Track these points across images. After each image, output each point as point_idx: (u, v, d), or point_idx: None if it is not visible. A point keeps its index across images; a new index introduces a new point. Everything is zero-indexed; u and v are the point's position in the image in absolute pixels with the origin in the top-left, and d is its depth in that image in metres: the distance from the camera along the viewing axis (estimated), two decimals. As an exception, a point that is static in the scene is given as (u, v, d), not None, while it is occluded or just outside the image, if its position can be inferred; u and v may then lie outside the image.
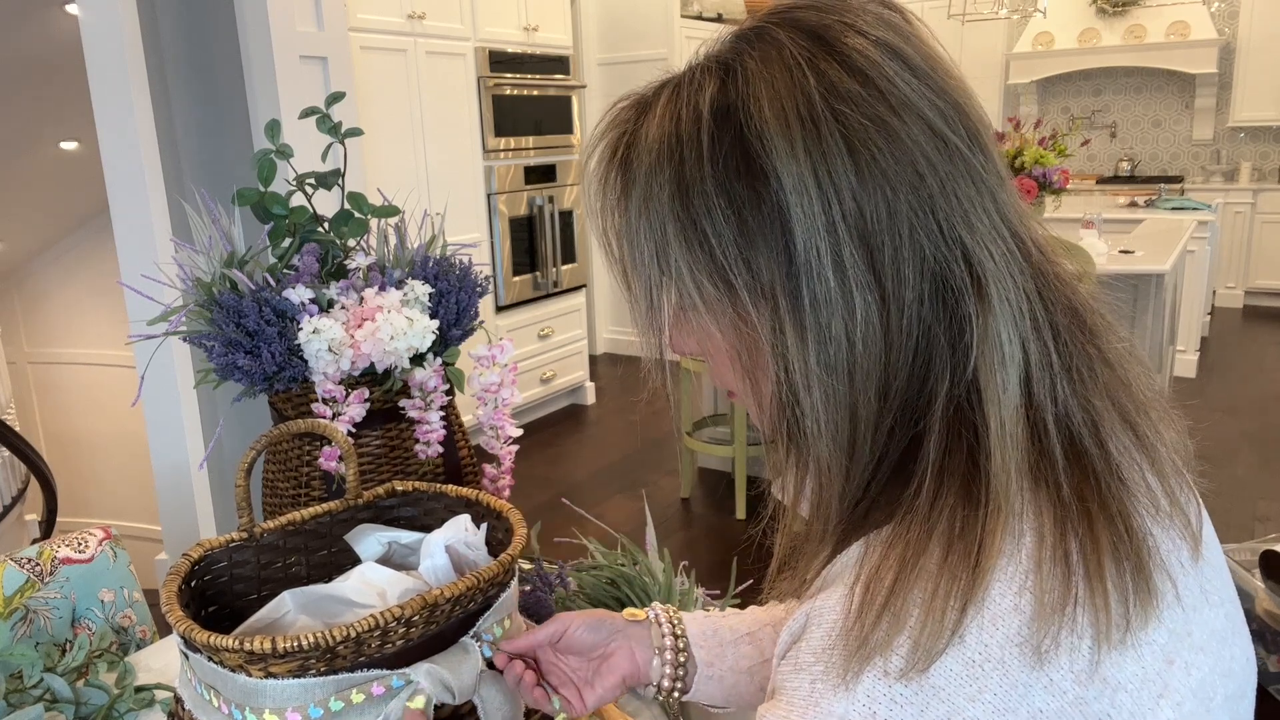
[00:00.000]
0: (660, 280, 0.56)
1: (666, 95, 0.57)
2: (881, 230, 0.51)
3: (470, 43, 4.13)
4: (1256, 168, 7.06)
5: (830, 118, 0.51)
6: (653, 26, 5.56)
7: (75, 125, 3.65)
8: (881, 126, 0.51)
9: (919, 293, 0.51)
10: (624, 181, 0.57)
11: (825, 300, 0.51)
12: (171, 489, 2.98)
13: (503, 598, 0.83)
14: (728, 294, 0.54)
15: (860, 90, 0.51)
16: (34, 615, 1.28)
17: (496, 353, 1.24)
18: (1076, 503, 0.49)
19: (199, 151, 2.97)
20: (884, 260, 0.51)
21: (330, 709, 0.73)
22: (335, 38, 2.83)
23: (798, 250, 0.51)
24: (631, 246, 0.57)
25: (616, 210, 0.58)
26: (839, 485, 0.54)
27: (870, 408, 0.52)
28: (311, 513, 0.96)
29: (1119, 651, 0.47)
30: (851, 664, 0.48)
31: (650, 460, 4.27)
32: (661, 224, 0.54)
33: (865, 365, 0.52)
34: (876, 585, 0.49)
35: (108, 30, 2.63)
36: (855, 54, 0.52)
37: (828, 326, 0.51)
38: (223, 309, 1.12)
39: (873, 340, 0.51)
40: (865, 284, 0.51)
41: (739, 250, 0.52)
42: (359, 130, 1.26)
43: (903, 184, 0.51)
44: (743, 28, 0.56)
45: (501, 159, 4.35)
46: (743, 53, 0.54)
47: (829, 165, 0.50)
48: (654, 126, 0.56)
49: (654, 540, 1.26)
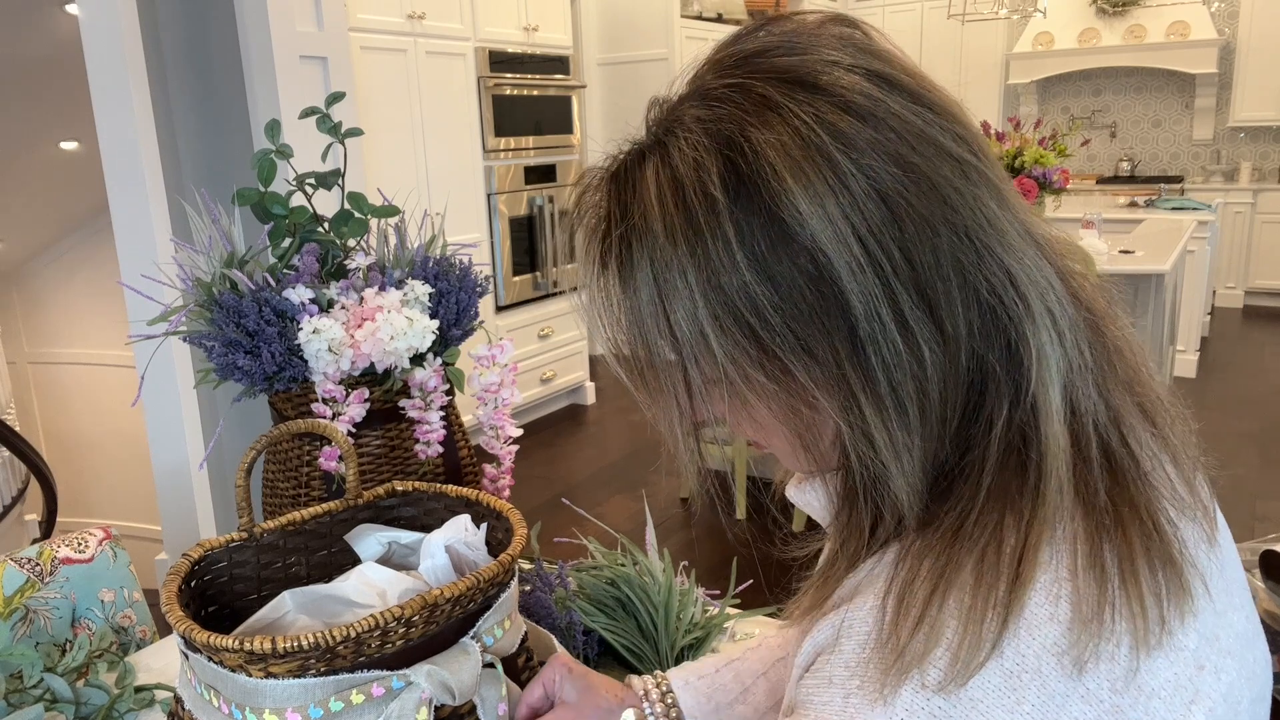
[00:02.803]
0: (701, 384, 0.53)
1: (655, 180, 0.51)
2: (933, 275, 0.49)
3: (470, 43, 4.13)
4: (1256, 168, 7.06)
5: (857, 173, 0.48)
6: (653, 26, 5.56)
7: (75, 125, 3.65)
8: (906, 167, 0.49)
9: (969, 324, 0.50)
10: (629, 282, 0.52)
11: (895, 364, 0.49)
12: (171, 489, 2.98)
13: (503, 598, 0.83)
14: (785, 382, 0.51)
15: (875, 135, 0.49)
16: (34, 615, 1.28)
17: (496, 353, 1.24)
18: (1109, 506, 0.49)
19: (199, 151, 2.97)
20: (940, 304, 0.49)
21: (330, 709, 0.73)
22: (335, 38, 2.83)
23: (859, 321, 0.48)
24: (652, 350, 0.53)
25: (624, 313, 0.54)
26: (899, 517, 0.52)
27: (933, 444, 0.51)
28: (311, 513, 0.96)
29: (1154, 657, 0.47)
30: (889, 677, 0.47)
31: (650, 460, 4.27)
32: (696, 327, 0.50)
33: (934, 411, 0.50)
34: (910, 597, 0.48)
35: (108, 30, 2.63)
36: (857, 96, 0.49)
37: (901, 386, 0.49)
38: (223, 309, 1.12)
39: (939, 384, 0.50)
40: (929, 335, 0.49)
41: (795, 337, 0.49)
42: (359, 130, 1.26)
43: (939, 220, 0.49)
44: (717, 84, 0.51)
45: (501, 159, 4.35)
46: (738, 121, 0.49)
47: (869, 224, 0.48)
48: (656, 220, 0.50)
49: (654, 540, 1.26)
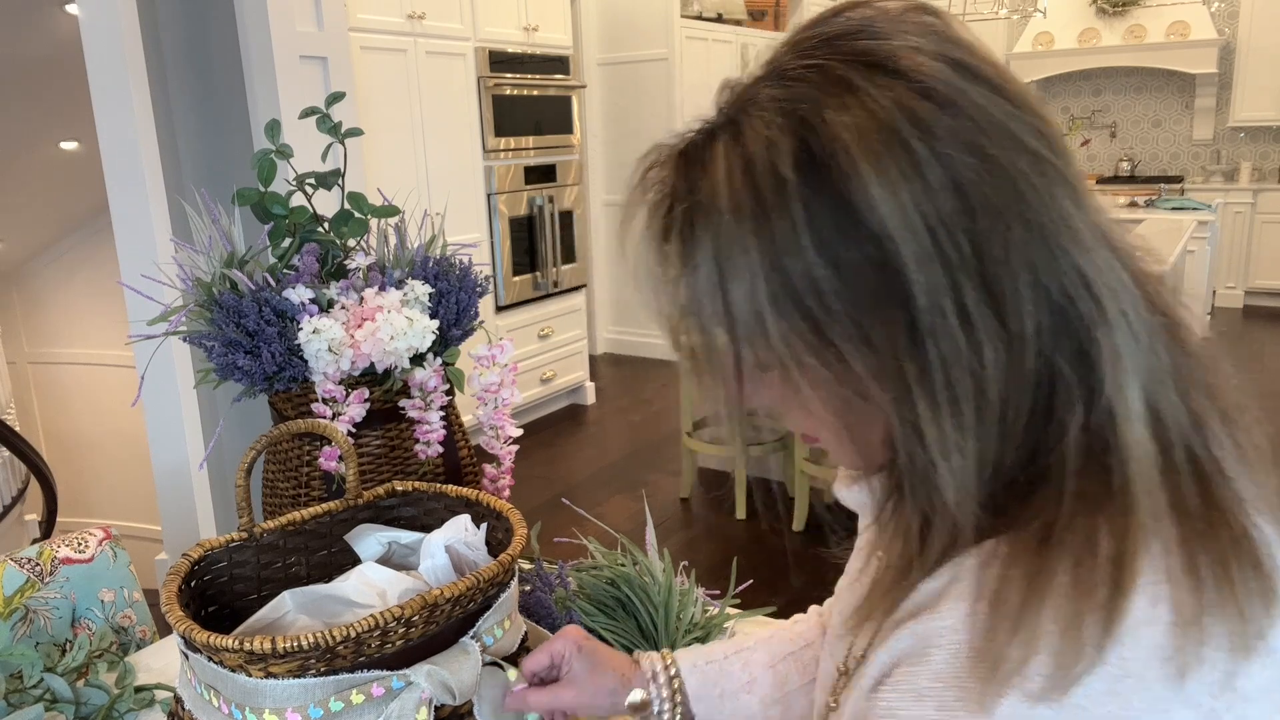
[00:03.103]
0: (753, 367, 0.52)
1: (724, 156, 0.50)
2: (1001, 271, 0.48)
3: (470, 43, 4.13)
4: (1256, 168, 7.06)
5: (932, 161, 0.47)
6: (653, 26, 5.56)
7: (75, 125, 3.65)
8: (983, 158, 0.47)
9: (1037, 325, 0.49)
10: (689, 258, 0.51)
11: (954, 359, 0.48)
12: (171, 489, 2.98)
13: (503, 598, 0.83)
14: (840, 370, 0.50)
15: (953, 123, 0.47)
16: (34, 615, 1.28)
17: (496, 353, 1.24)
18: (1200, 510, 0.48)
19: (199, 151, 2.97)
20: (1006, 301, 0.48)
21: (330, 709, 0.73)
22: (335, 38, 2.83)
23: (921, 312, 0.47)
24: (706, 329, 0.52)
25: (681, 289, 0.53)
26: (951, 520, 0.51)
27: (994, 448, 0.50)
28: (311, 513, 0.96)
29: (1250, 661, 0.47)
30: (989, 687, 0.46)
31: (650, 460, 4.27)
32: (754, 308, 0.49)
33: (993, 411, 0.49)
34: (1002, 605, 0.48)
35: (108, 30, 2.63)
36: (938, 83, 0.48)
37: (958, 383, 0.48)
38: (223, 309, 1.12)
39: (1000, 385, 0.49)
40: (992, 331, 0.48)
41: (854, 324, 0.48)
42: (359, 130, 1.26)
43: (1013, 215, 0.48)
44: (794, 65, 0.50)
45: (501, 159, 4.35)
46: (814, 101, 0.48)
47: (940, 214, 0.47)
48: (723, 197, 0.49)
49: (654, 540, 1.26)
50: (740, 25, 6.21)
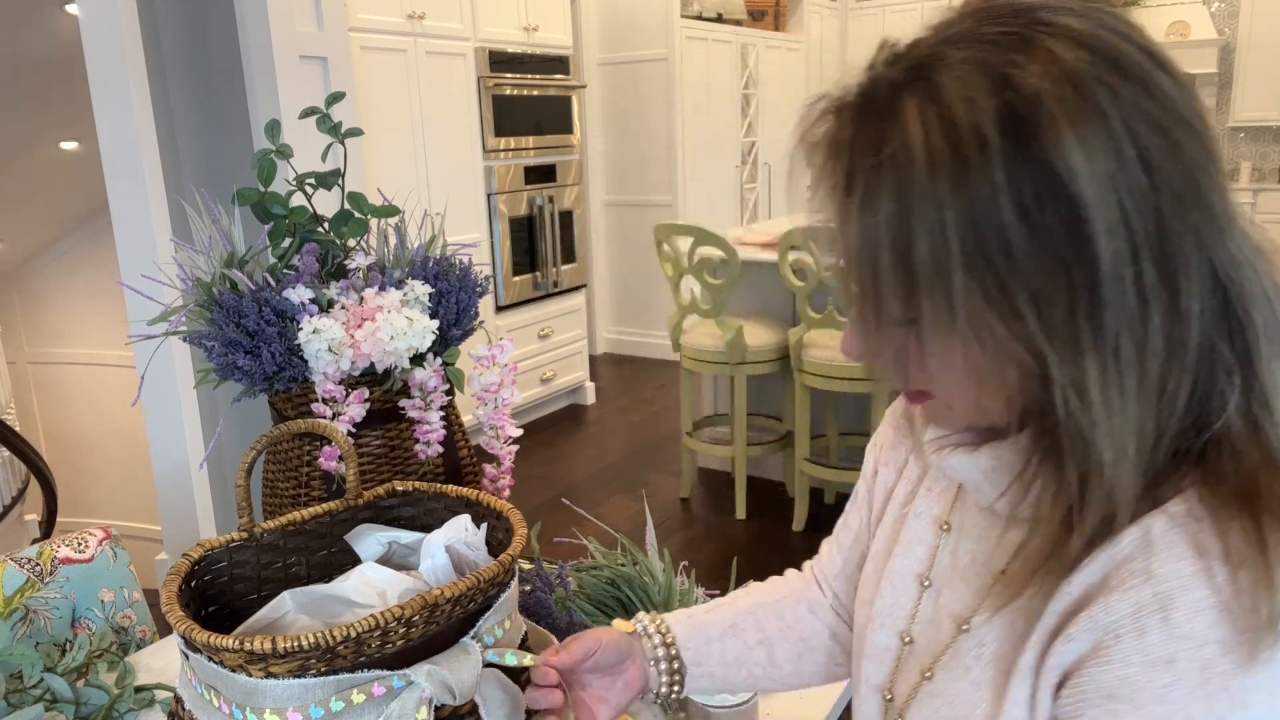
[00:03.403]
0: (928, 315, 0.53)
1: (918, 112, 0.51)
2: (1176, 248, 0.50)
3: (470, 43, 4.13)
4: (1256, 168, 7.06)
5: (1126, 137, 0.49)
6: (653, 26, 5.56)
7: (75, 125, 3.65)
8: (1167, 140, 0.50)
9: (1202, 304, 0.51)
10: (870, 207, 0.52)
11: (1125, 327, 0.50)
12: (171, 489, 2.98)
13: (503, 598, 0.83)
14: (1011, 326, 0.51)
15: (1147, 105, 0.50)
16: (34, 615, 1.28)
17: (496, 353, 1.24)
18: None
19: (199, 151, 2.97)
20: (1179, 277, 0.50)
21: (331, 709, 0.73)
22: (335, 38, 2.83)
23: (1103, 279, 0.49)
24: (879, 276, 0.53)
25: (855, 236, 0.54)
26: (1103, 495, 0.53)
27: (1153, 417, 0.52)
28: (311, 513, 0.96)
29: None
30: (1260, 638, 0.49)
31: (650, 460, 4.27)
32: (940, 260, 0.51)
33: (1154, 381, 0.52)
34: (1242, 560, 0.50)
35: (108, 30, 2.63)
36: (1134, 65, 0.50)
37: (1124, 349, 0.51)
38: (223, 309, 1.12)
39: (1162, 357, 0.51)
40: (1163, 305, 0.50)
41: (1038, 284, 0.50)
42: (359, 130, 1.26)
43: (1189, 198, 0.50)
44: (993, 30, 0.52)
45: (501, 159, 4.35)
46: (1019, 67, 0.50)
47: (1130, 188, 0.49)
48: (918, 151, 0.50)
49: (654, 540, 1.26)
50: (740, 25, 6.21)
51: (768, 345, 3.43)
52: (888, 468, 0.80)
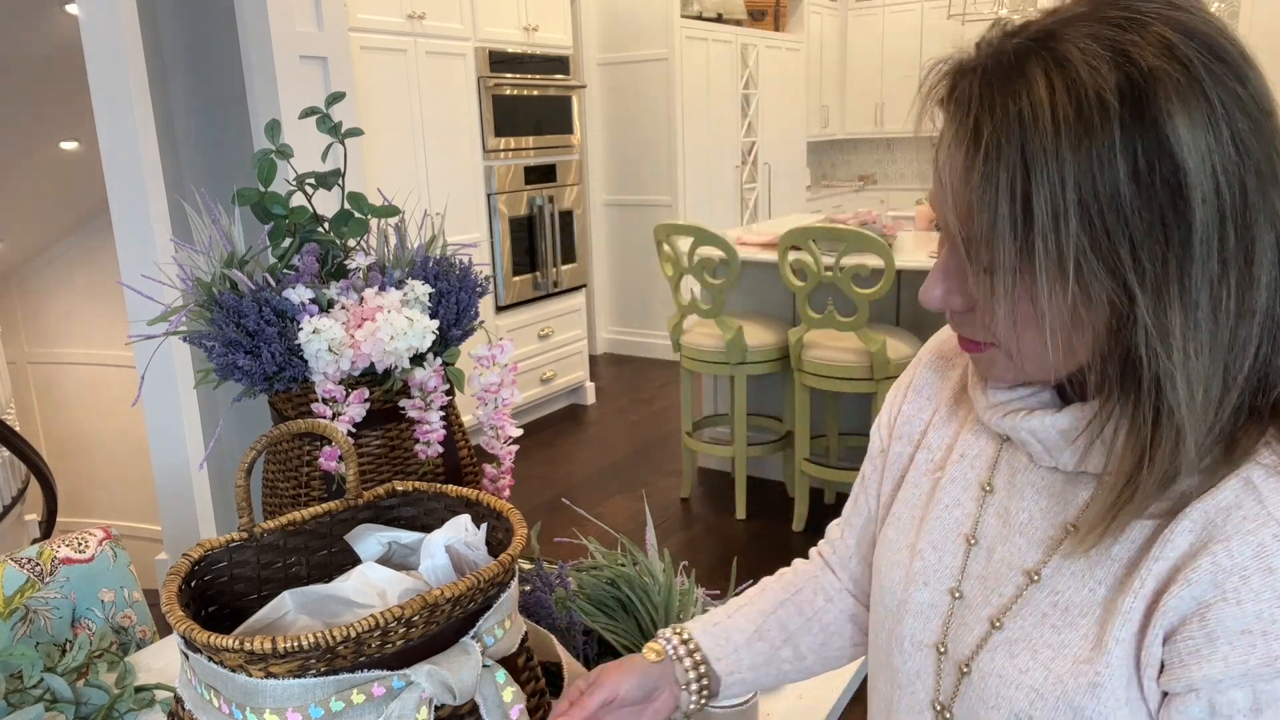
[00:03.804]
0: (1040, 258, 0.59)
1: (1045, 76, 0.58)
2: (1254, 220, 0.57)
3: (470, 43, 4.13)
4: (1256, 168, 7.06)
5: (1223, 117, 0.56)
6: (653, 26, 5.56)
7: (75, 125, 3.65)
8: (1254, 125, 0.57)
9: (1270, 277, 0.58)
10: (996, 158, 0.58)
11: (1207, 285, 0.57)
12: (171, 489, 2.98)
13: (503, 598, 0.83)
14: (1108, 277, 0.58)
15: (1242, 92, 0.57)
16: (34, 615, 1.28)
17: (496, 353, 1.24)
18: None
19: (199, 151, 2.97)
20: (1255, 247, 0.57)
21: (331, 709, 0.73)
22: (335, 38, 2.83)
23: (1195, 239, 0.56)
24: (996, 220, 0.59)
25: (975, 184, 0.60)
26: (1172, 441, 0.59)
27: (1219, 377, 0.59)
28: (311, 513, 0.96)
29: None
30: None
31: (650, 460, 4.27)
32: (1057, 209, 0.57)
33: (1224, 338, 0.58)
34: None
35: (108, 30, 2.64)
36: (1230, 57, 0.58)
37: (1201, 306, 0.57)
38: (223, 309, 1.12)
39: (1233, 317, 0.58)
40: (1239, 271, 0.57)
41: (1143, 235, 0.56)
42: (359, 130, 1.26)
43: (1268, 178, 0.58)
44: (1114, 14, 0.58)
45: (501, 159, 4.35)
46: (1138, 46, 0.57)
47: (1224, 162, 0.56)
48: (1044, 110, 0.57)
49: (654, 540, 1.26)
50: (740, 25, 6.21)
51: (768, 345, 3.43)
52: (900, 440, 0.84)
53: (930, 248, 3.45)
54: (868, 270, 3.05)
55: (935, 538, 0.76)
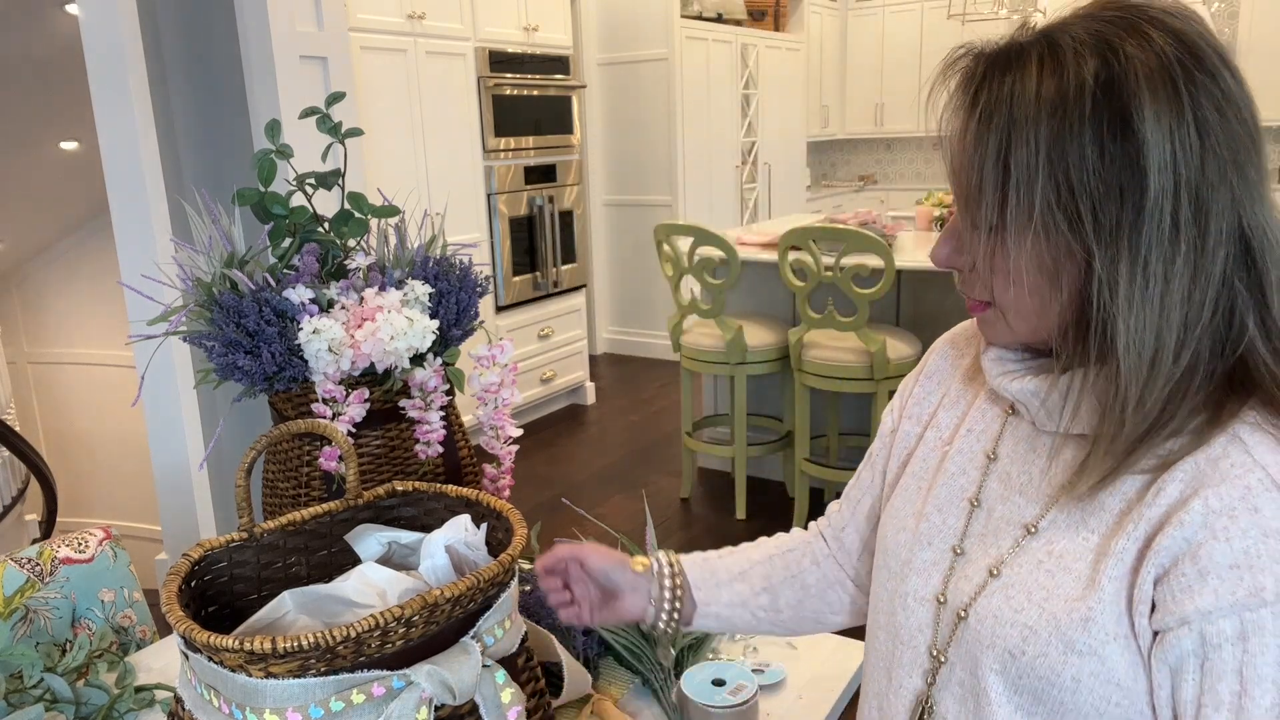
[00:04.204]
0: (1012, 210, 0.67)
1: (1037, 57, 0.67)
2: (1210, 196, 0.64)
3: (470, 43, 4.13)
4: (1256, 168, 7.06)
5: (1189, 106, 0.64)
6: (653, 26, 5.56)
7: (75, 125, 3.65)
8: (1222, 117, 0.65)
9: (1227, 251, 0.65)
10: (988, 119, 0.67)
11: (1158, 245, 0.64)
12: (171, 489, 2.98)
13: (503, 598, 0.83)
14: (1075, 230, 0.66)
15: (1212, 86, 0.65)
16: (34, 615, 1.28)
17: (496, 353, 1.24)
18: None
19: (199, 151, 2.97)
20: (1209, 221, 0.64)
21: (331, 709, 0.73)
22: (335, 38, 2.83)
23: (1148, 204, 0.64)
24: (983, 175, 0.68)
25: (973, 145, 0.68)
26: (1135, 394, 0.66)
27: (1172, 334, 0.65)
28: (311, 513, 0.96)
29: None
30: None
31: (650, 460, 4.27)
32: (1031, 166, 0.66)
33: (1176, 299, 0.65)
34: None
35: (108, 30, 2.64)
36: (1208, 58, 0.65)
37: (1151, 265, 0.64)
38: (223, 309, 1.12)
39: (1185, 280, 0.65)
40: (1191, 238, 0.64)
41: (1102, 196, 0.64)
42: (359, 130, 1.26)
43: (1229, 162, 0.64)
44: (1107, 13, 0.67)
45: (501, 159, 4.35)
46: (1120, 38, 0.65)
47: (1184, 142, 0.63)
48: (1031, 83, 0.66)
49: (654, 540, 1.26)
50: (740, 25, 6.21)
51: (768, 345, 3.43)
52: (910, 420, 0.91)
53: (930, 248, 3.45)
54: (868, 270, 3.05)
55: (941, 501, 0.82)
